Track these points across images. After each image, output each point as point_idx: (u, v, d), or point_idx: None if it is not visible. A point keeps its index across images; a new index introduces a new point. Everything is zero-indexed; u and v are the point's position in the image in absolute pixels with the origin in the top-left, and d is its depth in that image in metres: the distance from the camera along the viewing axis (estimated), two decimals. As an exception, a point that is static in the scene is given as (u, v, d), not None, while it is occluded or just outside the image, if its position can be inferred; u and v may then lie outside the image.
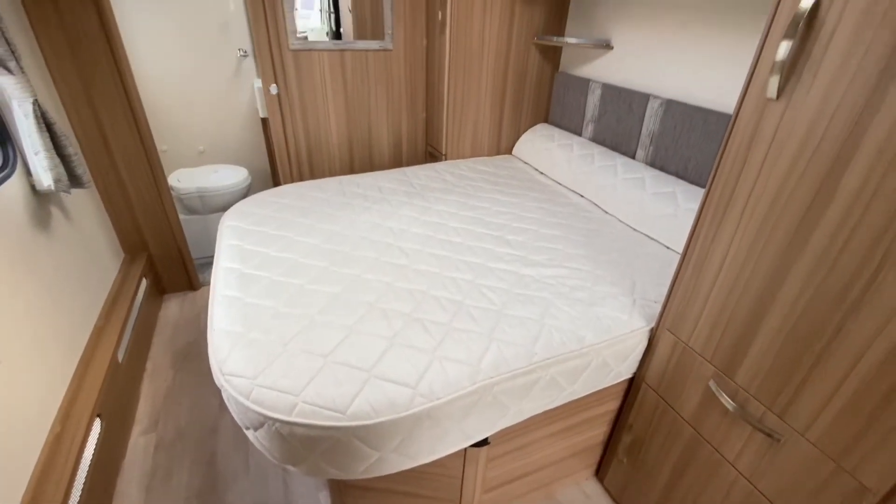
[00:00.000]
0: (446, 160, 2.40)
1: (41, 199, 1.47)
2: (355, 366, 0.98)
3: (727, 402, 0.98)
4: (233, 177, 2.61)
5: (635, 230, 1.66)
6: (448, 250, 1.48)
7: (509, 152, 2.53)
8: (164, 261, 2.24)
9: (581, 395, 1.20)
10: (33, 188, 1.44)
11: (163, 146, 2.86)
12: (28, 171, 1.43)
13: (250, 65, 2.90)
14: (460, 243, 1.53)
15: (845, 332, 0.76)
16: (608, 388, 1.25)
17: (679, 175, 1.70)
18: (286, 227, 1.57)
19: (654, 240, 1.60)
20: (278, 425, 0.90)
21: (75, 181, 1.56)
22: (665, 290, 1.28)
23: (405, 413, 0.92)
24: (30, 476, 1.12)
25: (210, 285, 1.33)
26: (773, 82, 0.79)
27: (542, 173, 2.22)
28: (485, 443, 1.13)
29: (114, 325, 1.68)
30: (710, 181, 0.94)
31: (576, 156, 2.05)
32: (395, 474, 1.09)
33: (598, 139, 2.10)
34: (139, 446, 1.59)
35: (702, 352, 1.04)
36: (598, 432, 1.40)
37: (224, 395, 1.00)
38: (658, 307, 1.23)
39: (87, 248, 1.73)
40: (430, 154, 2.63)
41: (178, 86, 2.78)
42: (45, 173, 1.41)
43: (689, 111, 1.61)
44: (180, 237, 2.20)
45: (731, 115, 0.88)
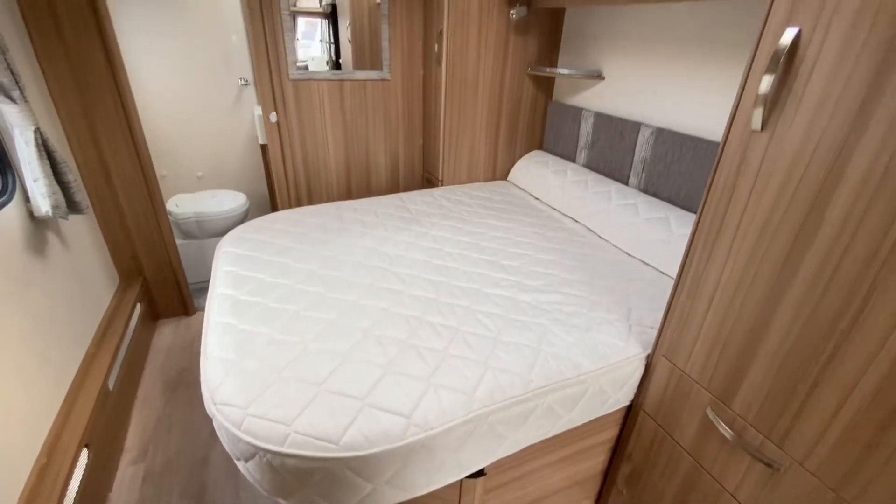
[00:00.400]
0: (443, 186, 2.43)
1: (38, 225, 1.48)
2: (349, 394, 0.97)
3: (725, 430, 0.96)
4: (231, 202, 2.63)
5: (630, 255, 1.68)
6: (444, 276, 1.48)
7: (505, 178, 2.57)
8: (159, 286, 2.23)
9: (579, 424, 1.18)
10: (31, 214, 1.45)
11: (162, 171, 2.89)
12: (26, 198, 1.44)
13: (251, 93, 2.97)
14: (456, 269, 1.53)
15: (839, 359, 0.76)
16: (606, 416, 1.24)
17: (671, 201, 1.72)
18: (282, 252, 1.58)
19: (648, 265, 1.61)
20: (270, 456, 0.88)
21: (73, 207, 1.57)
22: (660, 315, 1.28)
23: (399, 443, 0.90)
24: (12, 510, 1.08)
25: (205, 311, 1.32)
26: (757, 115, 0.81)
27: (536, 199, 2.25)
28: (481, 473, 1.11)
29: (105, 352, 1.66)
30: (701, 209, 0.96)
31: (570, 182, 2.08)
32: (389, 507, 1.06)
33: (592, 166, 2.14)
34: (127, 477, 1.55)
35: (698, 379, 1.03)
36: (597, 462, 1.38)
37: (215, 425, 0.98)
38: (654, 333, 1.22)
39: (82, 273, 1.72)
40: (427, 180, 2.67)
41: (179, 113, 2.83)
42: (43, 200, 1.42)
43: (679, 139, 1.64)
44: (176, 262, 2.20)
45: (719, 144, 0.90)
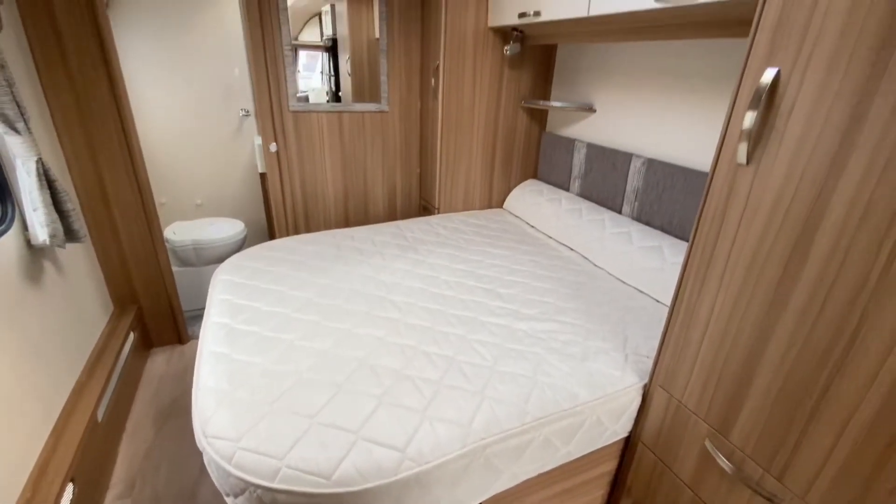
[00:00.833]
0: (439, 213, 2.46)
1: (34, 254, 1.48)
2: (342, 427, 0.95)
3: (724, 463, 0.95)
4: (228, 229, 2.65)
5: (625, 283, 1.69)
6: (440, 304, 1.48)
7: (500, 206, 2.60)
8: (153, 314, 2.21)
9: (576, 457, 1.16)
10: (28, 243, 1.45)
11: (161, 199, 2.92)
12: (25, 226, 1.45)
13: (252, 123, 3.03)
14: (452, 297, 1.54)
15: (833, 391, 0.76)
16: (604, 448, 1.22)
17: (664, 229, 1.75)
18: (279, 280, 1.58)
19: (643, 293, 1.61)
20: (260, 492, 0.86)
21: (71, 236, 1.57)
22: (656, 344, 1.28)
23: (393, 479, 0.88)
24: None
25: (199, 339, 1.31)
26: (742, 149, 0.84)
27: (532, 227, 2.27)
28: (477, 509, 1.08)
29: (96, 382, 1.63)
30: (692, 240, 0.97)
31: (564, 210, 2.11)
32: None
33: (585, 194, 2.17)
34: (111, 514, 1.49)
35: (695, 409, 1.03)
36: (596, 495, 1.34)
37: (205, 458, 0.96)
38: (650, 363, 1.22)
39: (76, 302, 1.71)
40: (424, 207, 2.70)
41: (180, 141, 2.88)
42: (41, 229, 1.43)
43: (670, 170, 1.68)
44: (172, 290, 2.19)
45: (708, 176, 0.92)
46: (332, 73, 2.89)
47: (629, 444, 1.26)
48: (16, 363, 1.25)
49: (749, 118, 0.81)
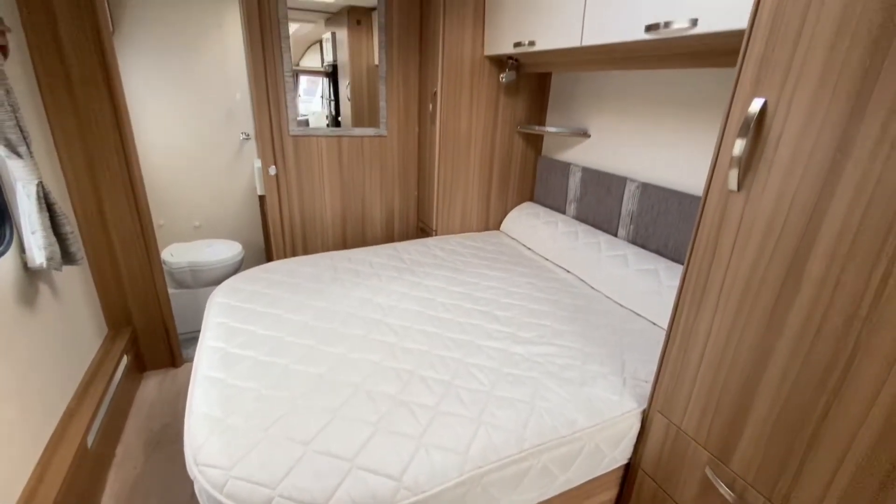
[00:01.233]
0: (437, 235, 2.47)
1: (31, 276, 1.47)
2: (337, 455, 0.94)
3: (725, 491, 0.94)
4: (226, 251, 2.65)
5: (622, 306, 1.69)
6: (437, 327, 1.47)
7: (497, 228, 2.62)
8: (147, 336, 2.19)
9: (576, 485, 1.14)
10: (25, 265, 1.45)
11: (160, 221, 2.92)
12: (22, 248, 1.45)
13: (252, 146, 3.07)
14: (449, 319, 1.53)
15: (832, 417, 0.75)
16: (603, 475, 1.20)
17: (660, 252, 1.76)
18: (275, 303, 1.58)
19: (640, 316, 1.61)
20: (252, 523, 0.84)
21: (68, 258, 1.57)
22: (654, 368, 1.28)
23: (388, 508, 0.86)
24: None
25: (193, 363, 1.30)
26: (733, 176, 0.85)
27: (529, 249, 2.28)
28: (474, 540, 1.05)
29: (87, 407, 1.60)
30: (686, 265, 0.98)
31: (560, 233, 2.12)
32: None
33: (581, 217, 2.19)
34: (97, 546, 1.45)
35: (695, 436, 1.01)
36: (597, 525, 1.31)
37: (196, 487, 0.94)
38: (648, 387, 1.21)
39: (70, 325, 1.70)
40: (421, 229, 2.71)
41: (180, 163, 2.91)
42: (38, 252, 1.43)
43: (664, 194, 1.70)
44: (167, 313, 2.17)
45: (700, 201, 0.94)
46: (333, 97, 2.94)
47: (629, 472, 1.24)
48: (4, 389, 1.23)
49: (739, 146, 0.83)
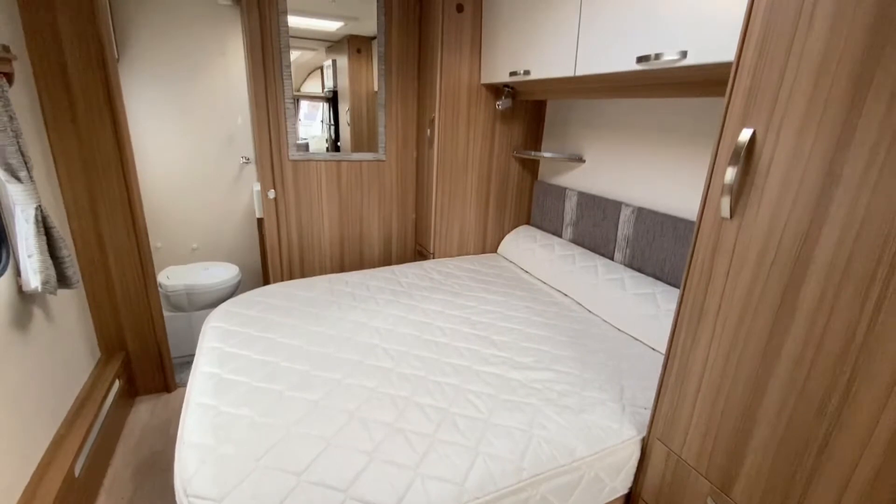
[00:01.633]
0: (434, 258, 2.48)
1: (25, 300, 1.47)
2: (330, 485, 0.92)
3: (728, 523, 0.91)
4: (222, 274, 2.64)
5: (620, 330, 1.68)
6: (434, 352, 1.46)
7: (494, 251, 2.63)
8: (141, 361, 2.16)
9: (575, 516, 1.11)
10: (20, 289, 1.44)
11: (157, 243, 2.92)
12: (18, 271, 1.44)
13: (252, 170, 3.10)
14: (446, 344, 1.52)
15: (832, 446, 0.74)
16: (604, 506, 1.17)
17: (657, 276, 1.76)
18: (271, 328, 1.56)
19: (638, 340, 1.60)
20: (241, 559, 0.81)
21: (64, 282, 1.56)
22: (653, 394, 1.26)
23: (382, 542, 0.84)
24: None
25: (186, 388, 1.28)
26: (725, 203, 0.87)
27: (526, 272, 2.28)
28: (472, 575, 1.02)
29: (76, 434, 1.57)
30: (682, 291, 0.98)
31: (557, 256, 2.13)
32: None
33: (578, 241, 2.21)
34: (80, 582, 1.39)
35: (695, 465, 1.00)
36: (598, 559, 1.27)
37: (185, 521, 0.91)
38: (648, 414, 1.20)
39: (63, 350, 1.68)
40: (419, 252, 2.72)
41: (180, 186, 2.93)
42: (34, 275, 1.42)
43: (659, 218, 1.72)
44: (161, 336, 2.15)
45: (694, 227, 0.95)
46: (333, 122, 2.99)
47: (630, 502, 1.21)
48: (-6, 415, 1.21)
49: (730, 174, 0.85)
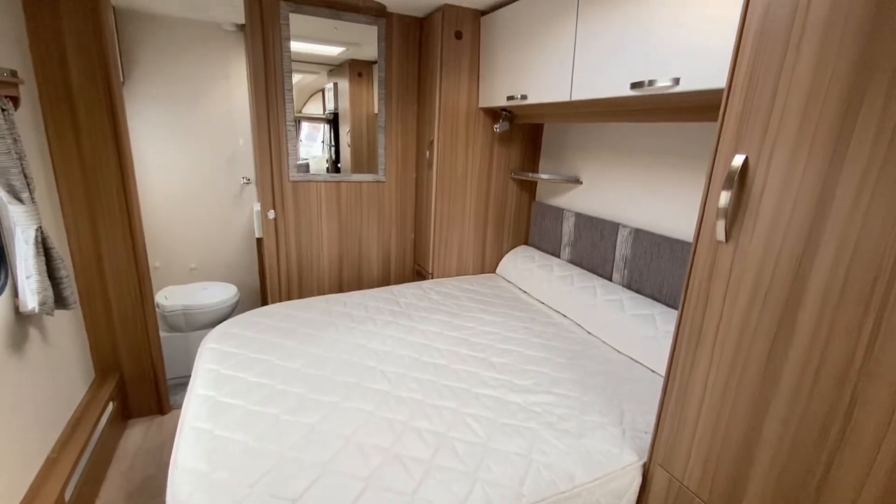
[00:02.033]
0: (433, 278, 2.48)
1: (21, 321, 1.46)
2: (326, 513, 0.90)
3: (732, 554, 0.89)
4: (220, 294, 2.63)
5: (619, 352, 1.67)
6: (432, 374, 1.45)
7: (493, 271, 2.63)
8: (135, 382, 2.13)
9: (576, 545, 1.09)
10: (17, 309, 1.44)
11: (156, 263, 2.92)
12: (16, 292, 1.44)
13: (252, 190, 3.12)
14: (445, 366, 1.51)
15: (835, 472, 0.73)
16: (605, 534, 1.14)
17: (655, 297, 1.76)
18: (267, 349, 1.55)
19: (638, 362, 1.59)
20: (232, 592, 0.79)
21: (61, 303, 1.56)
22: (653, 418, 1.25)
23: (378, 574, 0.82)
24: None
25: (181, 410, 1.26)
26: (720, 227, 0.88)
27: (525, 292, 2.28)
28: None
29: (68, 458, 1.54)
30: (680, 315, 0.98)
31: (556, 276, 2.13)
32: None
33: (576, 261, 2.21)
34: None
35: (697, 491, 0.98)
36: (600, 590, 1.23)
37: (175, 551, 0.89)
38: (648, 439, 1.18)
39: (57, 372, 1.66)
40: (418, 272, 2.72)
41: (180, 206, 2.95)
42: (32, 296, 1.42)
43: (656, 240, 1.73)
44: (157, 358, 2.13)
45: (691, 249, 0.95)
46: (333, 143, 3.03)
47: (632, 530, 1.18)
48: (-16, 440, 1.19)
49: (724, 198, 0.86)
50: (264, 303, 2.93)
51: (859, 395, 0.70)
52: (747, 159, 0.83)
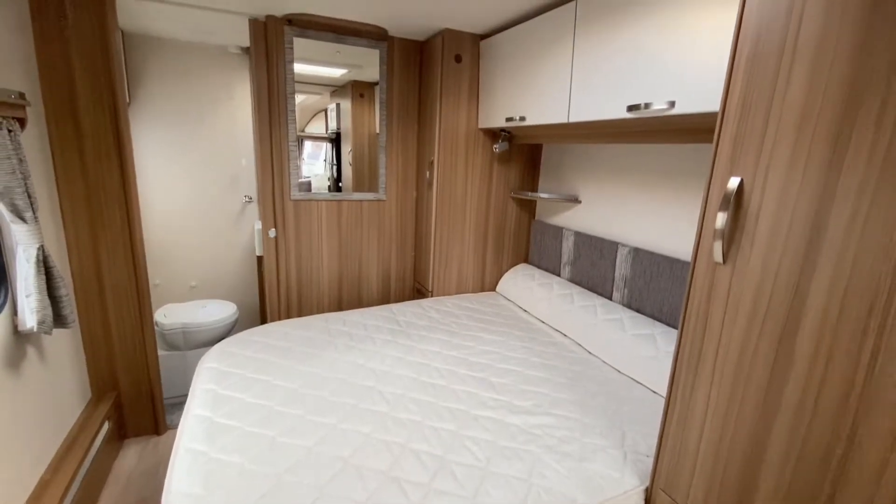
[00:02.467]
0: (433, 296, 2.47)
1: (19, 339, 1.45)
2: (321, 539, 0.88)
3: (738, 583, 0.87)
4: (220, 312, 2.63)
5: (620, 372, 1.65)
6: (431, 395, 1.44)
7: (493, 289, 2.62)
8: (132, 402, 2.11)
9: (577, 573, 1.06)
10: (15, 328, 1.43)
11: (156, 280, 2.92)
12: (15, 310, 1.44)
13: (254, 208, 3.15)
14: (444, 386, 1.49)
15: (840, 497, 0.72)
16: (607, 562, 1.11)
17: (655, 317, 1.75)
18: (265, 369, 1.54)
19: (639, 383, 1.58)
20: None
21: (60, 321, 1.55)
22: (655, 441, 1.23)
23: None
24: None
25: (176, 430, 1.25)
26: (718, 248, 0.88)
27: (525, 311, 2.27)
28: None
29: (61, 480, 1.51)
30: (679, 336, 0.98)
31: (556, 295, 2.13)
32: None
33: (576, 280, 2.21)
34: None
35: (701, 518, 0.96)
36: None
37: (167, 579, 0.87)
38: (650, 462, 1.16)
39: (54, 391, 1.65)
40: (418, 290, 2.72)
41: (182, 225, 2.96)
42: (31, 315, 1.42)
43: (656, 259, 1.73)
44: (155, 377, 2.11)
45: (689, 271, 0.95)
46: (335, 162, 3.06)
47: (635, 558, 1.15)
48: (-24, 461, 1.17)
49: (720, 219, 0.87)
50: (264, 321, 2.91)
51: (861, 419, 0.69)
52: (742, 181, 0.84)
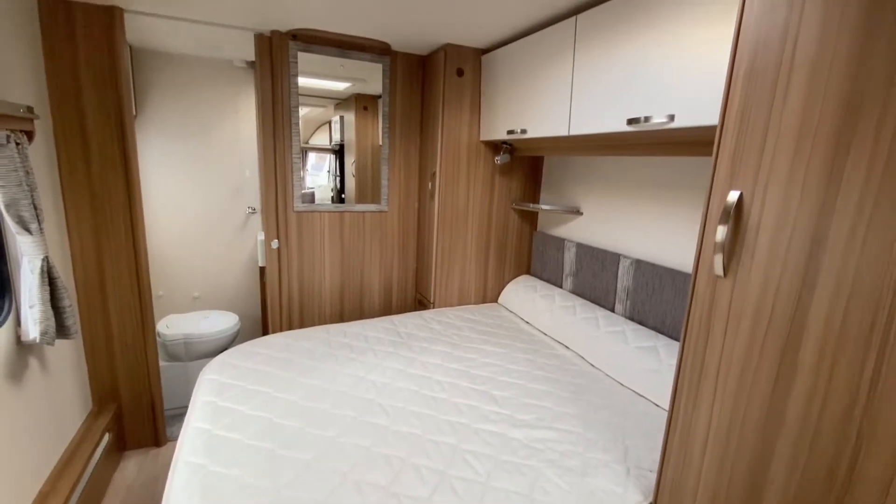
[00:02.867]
0: (434, 308, 2.47)
1: (21, 350, 1.46)
2: (319, 556, 0.87)
3: None
4: (222, 323, 2.63)
5: (623, 385, 1.64)
6: (432, 408, 1.43)
7: (495, 300, 2.62)
8: (132, 413, 2.11)
9: (580, 592, 1.04)
10: (18, 339, 1.44)
11: (159, 291, 2.93)
12: (18, 321, 1.45)
13: (257, 219, 3.17)
14: (445, 400, 1.48)
15: (846, 518, 0.71)
16: (611, 580, 1.09)
17: (658, 329, 1.74)
18: (266, 381, 1.54)
19: (642, 396, 1.56)
20: None
21: (62, 332, 1.56)
22: (658, 456, 1.21)
23: None
24: None
25: (176, 442, 1.24)
26: (718, 261, 0.88)
27: (527, 322, 2.26)
28: None
29: (60, 493, 1.51)
30: (681, 350, 0.97)
31: (558, 307, 2.12)
32: None
33: (578, 291, 2.20)
34: None
35: (706, 536, 0.94)
36: None
37: None
38: (654, 477, 1.15)
39: (55, 402, 1.65)
40: (419, 301, 2.71)
41: (185, 236, 2.98)
42: (34, 325, 1.43)
43: (658, 271, 1.73)
44: (156, 389, 2.11)
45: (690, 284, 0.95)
46: (338, 173, 3.09)
47: (639, 576, 1.13)
48: (-25, 473, 1.17)
49: (720, 232, 0.86)
50: (265, 332, 2.91)
51: (865, 434, 0.68)
52: (742, 195, 0.84)
